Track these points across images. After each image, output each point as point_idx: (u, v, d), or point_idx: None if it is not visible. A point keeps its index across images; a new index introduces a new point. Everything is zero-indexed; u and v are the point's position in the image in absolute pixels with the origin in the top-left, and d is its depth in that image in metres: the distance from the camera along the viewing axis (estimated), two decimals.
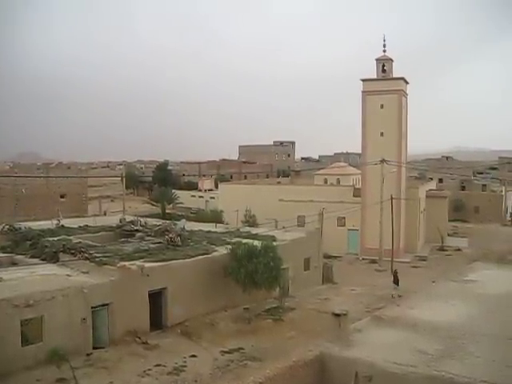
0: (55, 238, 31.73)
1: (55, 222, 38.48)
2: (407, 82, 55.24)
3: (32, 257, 29.75)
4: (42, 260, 28.79)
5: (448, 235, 62.98)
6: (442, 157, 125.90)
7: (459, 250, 56.21)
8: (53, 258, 28.79)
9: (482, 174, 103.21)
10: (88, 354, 22.72)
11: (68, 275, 25.47)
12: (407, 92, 55.54)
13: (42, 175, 71.38)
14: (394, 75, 53.95)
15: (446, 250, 56.09)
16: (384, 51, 53.77)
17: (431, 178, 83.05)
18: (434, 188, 71.71)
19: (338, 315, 17.11)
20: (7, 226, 34.97)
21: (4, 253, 31.12)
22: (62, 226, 37.57)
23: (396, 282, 37.35)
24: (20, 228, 34.74)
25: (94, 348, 23.54)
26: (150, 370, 21.50)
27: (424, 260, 51.59)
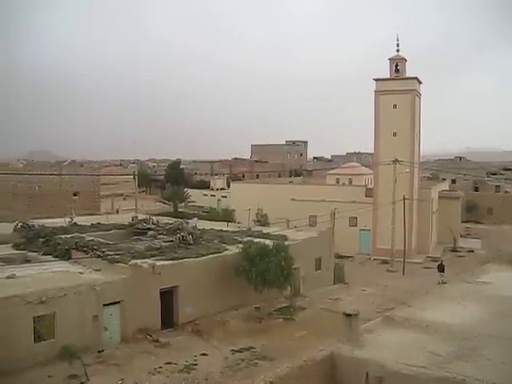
0: (68, 236, 31.90)
1: (68, 219, 38.69)
2: (420, 82, 54.98)
3: (45, 254, 29.96)
4: (55, 257, 28.96)
5: (461, 236, 62.68)
6: (455, 157, 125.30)
7: (472, 251, 55.91)
8: (65, 256, 28.96)
9: (495, 174, 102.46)
10: (99, 351, 22.82)
11: (80, 272, 25.63)
12: (420, 92, 55.28)
13: (55, 173, 71.76)
14: (407, 75, 53.71)
15: (459, 251, 55.81)
16: (397, 51, 53.57)
17: (444, 179, 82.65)
18: (447, 189, 71.36)
19: (349, 315, 17.03)
20: (21, 224, 35.19)
21: (17, 250, 31.35)
22: (75, 223, 37.77)
23: (442, 270, 40.10)
24: (33, 225, 34.95)
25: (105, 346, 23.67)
26: (160, 367, 21.55)
27: (436, 261, 51.24)
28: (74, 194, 73.41)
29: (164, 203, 76.38)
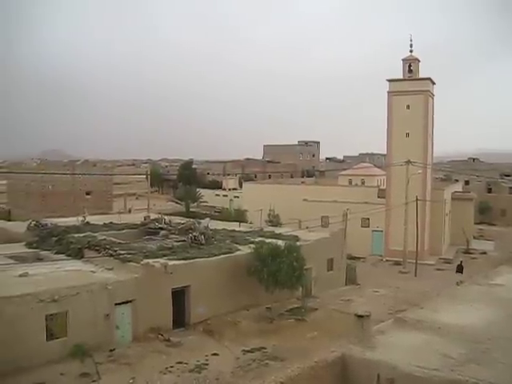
0: (80, 235, 32.09)
1: (81, 218, 38.89)
2: (434, 83, 54.71)
3: (57, 253, 30.13)
4: (68, 256, 29.11)
5: (474, 238, 62.37)
6: (469, 158, 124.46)
7: (485, 253, 55.61)
8: (78, 254, 29.11)
9: (509, 176, 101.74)
10: (111, 350, 22.90)
11: (92, 271, 25.74)
12: (434, 93, 55.01)
13: (68, 172, 72.13)
14: (421, 75, 53.47)
15: (472, 253, 55.52)
16: (411, 51, 53.37)
17: (457, 180, 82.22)
18: (460, 190, 71.01)
19: (360, 316, 16.97)
20: (34, 222, 35.43)
21: (30, 248, 31.57)
22: (88, 222, 37.95)
23: (460, 270, 41.26)
24: (46, 224, 35.19)
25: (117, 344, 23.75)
26: (171, 367, 21.59)
27: (449, 263, 51.08)
28: (87, 194, 73.76)
29: (176, 203, 76.59)
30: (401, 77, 53.82)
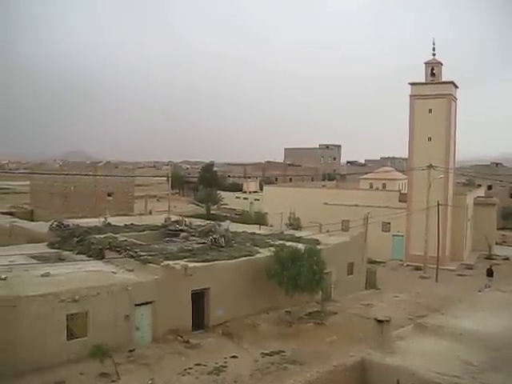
0: (102, 236, 32.28)
1: (102, 219, 39.19)
2: (457, 87, 54.24)
3: (79, 253, 30.36)
4: (89, 256, 29.32)
5: (496, 244, 61.61)
6: (492, 163, 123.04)
7: (507, 259, 54.88)
8: (99, 255, 29.30)
9: None
10: (130, 351, 23.02)
11: (113, 272, 25.88)
12: (456, 96, 54.54)
13: (90, 173, 72.70)
14: (444, 79, 53.04)
15: (494, 259, 54.79)
16: (433, 55, 52.90)
17: (480, 185, 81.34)
18: (483, 195, 70.21)
19: (380, 321, 16.90)
20: (56, 223, 35.75)
21: (52, 248, 31.85)
22: (109, 223, 38.24)
23: (490, 274, 40.83)
24: (68, 225, 35.48)
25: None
26: (190, 368, 21.63)
27: (470, 268, 50.55)
28: (109, 195, 74.21)
29: (197, 205, 76.90)
30: (423, 79, 53.43)
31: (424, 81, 53.30)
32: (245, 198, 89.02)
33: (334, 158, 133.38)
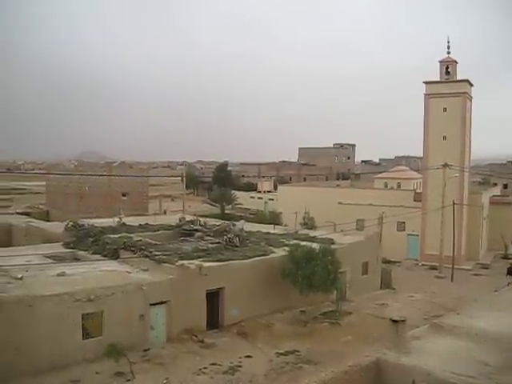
0: (116, 236, 32.45)
1: (117, 219, 39.36)
2: (472, 85, 53.79)
3: (94, 253, 30.51)
4: (104, 256, 29.44)
5: None
6: (508, 162, 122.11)
7: None
8: (114, 255, 29.44)
9: None
10: (145, 350, 23.10)
11: (128, 272, 26.01)
12: (472, 95, 54.13)
13: (105, 174, 73.00)
14: (459, 77, 52.65)
15: (510, 259, 54.34)
16: (448, 53, 52.50)
17: (495, 184, 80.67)
18: (499, 194, 69.65)
19: (395, 321, 16.81)
20: (71, 223, 35.95)
21: (67, 248, 32.04)
22: (124, 223, 38.42)
23: (511, 273, 40.85)
24: (83, 225, 35.67)
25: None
26: (205, 368, 21.68)
27: (486, 268, 50.19)
28: (123, 195, 74.42)
29: (211, 205, 76.96)
30: (437, 77, 53.08)
31: (438, 79, 52.96)
32: (259, 198, 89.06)
33: (349, 158, 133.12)
